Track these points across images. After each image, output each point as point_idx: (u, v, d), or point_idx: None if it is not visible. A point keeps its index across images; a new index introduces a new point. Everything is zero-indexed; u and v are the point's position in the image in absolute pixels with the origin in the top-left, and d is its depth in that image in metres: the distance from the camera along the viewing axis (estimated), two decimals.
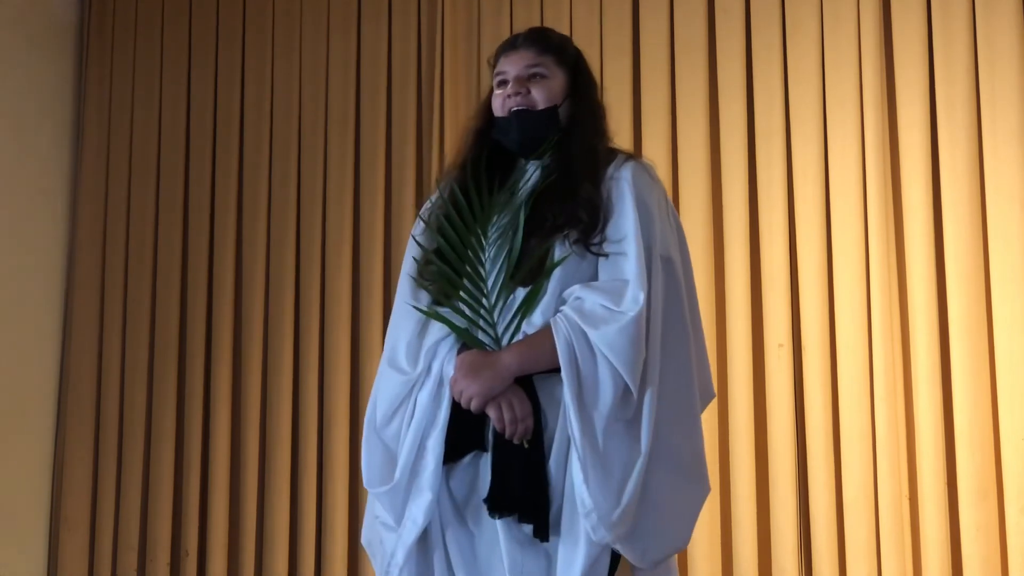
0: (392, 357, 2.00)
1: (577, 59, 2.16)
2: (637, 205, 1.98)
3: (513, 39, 2.13)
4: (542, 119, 2.06)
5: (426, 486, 1.91)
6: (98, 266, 4.19)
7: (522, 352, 1.92)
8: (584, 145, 2.06)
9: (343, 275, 3.87)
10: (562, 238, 1.96)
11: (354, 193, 3.93)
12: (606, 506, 1.83)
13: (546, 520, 1.88)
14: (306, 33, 4.07)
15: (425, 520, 1.92)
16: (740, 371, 3.35)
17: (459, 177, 2.07)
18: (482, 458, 1.95)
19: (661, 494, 1.90)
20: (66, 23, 4.34)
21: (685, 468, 1.95)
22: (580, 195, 1.98)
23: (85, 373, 4.12)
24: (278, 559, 3.80)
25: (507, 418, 1.89)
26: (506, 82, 2.09)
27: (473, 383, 1.89)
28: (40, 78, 4.21)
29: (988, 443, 3.10)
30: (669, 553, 1.93)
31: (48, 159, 4.22)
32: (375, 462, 1.99)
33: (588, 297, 1.91)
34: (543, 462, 1.90)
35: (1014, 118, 3.17)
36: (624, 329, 1.86)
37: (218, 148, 4.13)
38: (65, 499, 4.05)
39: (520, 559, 1.89)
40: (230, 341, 4.00)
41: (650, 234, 1.97)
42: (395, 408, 1.97)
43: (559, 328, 1.89)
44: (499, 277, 1.96)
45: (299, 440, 3.85)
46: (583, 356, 1.87)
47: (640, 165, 2.07)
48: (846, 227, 3.30)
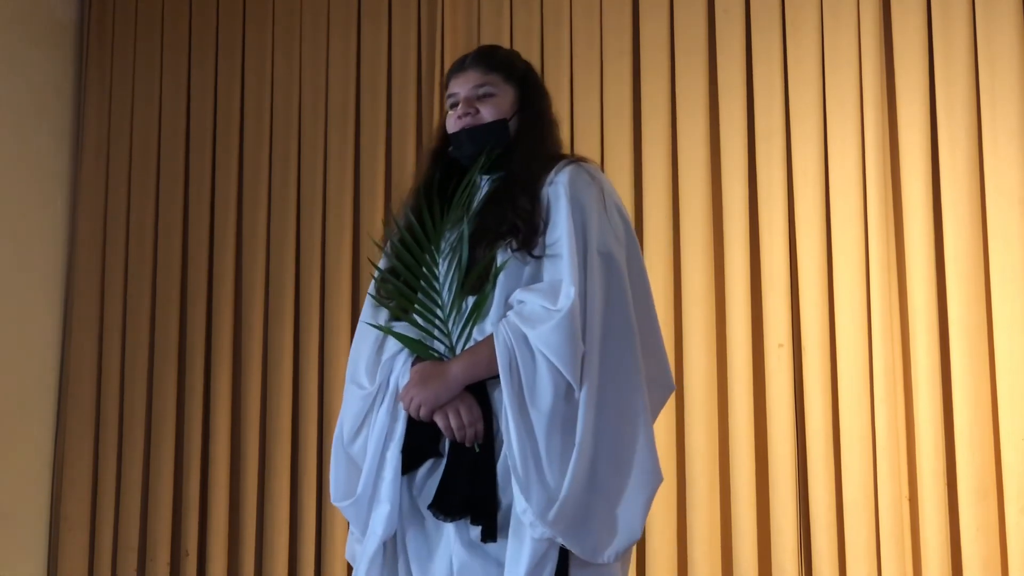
0: (353, 372, 2.11)
1: (526, 73, 2.22)
2: (571, 206, 2.02)
3: (462, 60, 2.20)
4: (491, 131, 2.12)
5: (384, 498, 1.99)
6: (98, 266, 4.19)
7: (467, 360, 1.98)
8: (525, 155, 2.11)
9: (343, 275, 3.87)
10: (504, 246, 2.02)
11: (354, 193, 3.93)
12: (541, 502, 1.86)
13: (493, 521, 1.91)
14: (306, 33, 4.07)
15: (385, 531, 1.98)
16: (740, 371, 3.35)
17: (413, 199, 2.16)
18: (440, 465, 2.00)
19: (608, 487, 1.93)
20: (66, 23, 4.34)
21: (631, 459, 1.96)
22: (517, 205, 2.04)
23: (85, 373, 4.12)
24: (278, 559, 3.80)
25: (454, 424, 1.95)
26: (456, 103, 2.16)
27: (421, 392, 1.96)
28: (40, 78, 4.21)
29: (988, 443, 3.09)
30: (624, 546, 1.95)
31: (48, 159, 4.22)
32: (340, 477, 2.09)
33: (528, 299, 1.96)
34: (492, 466, 1.94)
35: (1014, 118, 3.16)
36: (558, 326, 1.91)
37: (218, 148, 4.13)
38: (65, 499, 4.05)
39: (468, 560, 1.93)
40: (230, 341, 4.00)
41: (586, 232, 2.01)
42: (359, 423, 2.06)
43: (499, 334, 1.94)
44: (452, 288, 2.02)
45: (299, 440, 3.85)
46: (523, 358, 1.92)
47: (578, 167, 2.11)
48: (846, 227, 3.30)
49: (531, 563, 1.86)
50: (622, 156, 3.58)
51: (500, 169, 2.12)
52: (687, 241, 3.47)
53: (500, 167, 2.12)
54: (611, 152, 3.61)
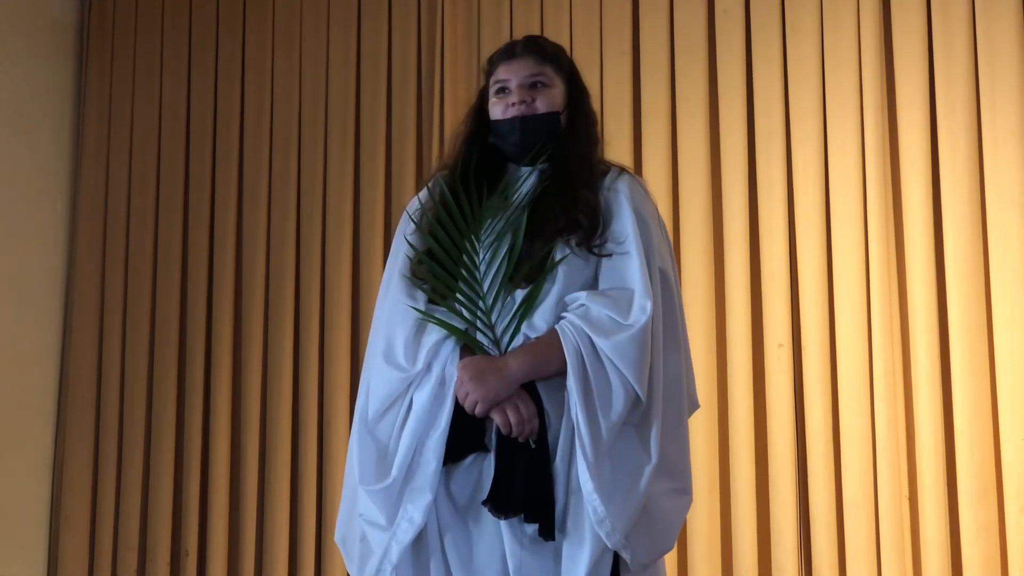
0: (388, 352, 1.99)
1: (572, 69, 2.20)
2: (635, 215, 2.01)
3: (511, 47, 2.15)
4: (544, 123, 2.08)
5: (426, 486, 1.91)
6: (98, 266, 4.19)
7: (529, 358, 1.93)
8: (581, 152, 2.09)
9: (343, 275, 3.87)
10: (563, 241, 1.98)
11: (354, 192, 3.93)
12: (618, 511, 1.85)
13: (552, 519, 1.88)
14: (306, 32, 4.07)
15: (423, 520, 1.91)
16: (740, 371, 3.35)
17: (450, 180, 2.08)
18: (484, 460, 1.95)
19: (657, 501, 1.93)
20: (66, 23, 4.33)
21: (676, 476, 1.98)
22: (579, 200, 2.01)
23: (85, 373, 4.12)
24: (278, 559, 3.80)
25: (513, 420, 1.90)
26: (506, 89, 2.11)
27: (479, 388, 1.90)
28: (40, 78, 4.20)
29: (988, 443, 3.10)
30: (656, 557, 1.97)
31: (48, 159, 4.22)
32: (369, 459, 1.97)
33: (593, 306, 1.92)
34: (548, 461, 1.91)
35: (1014, 118, 3.17)
36: (634, 338, 1.89)
37: (218, 148, 4.13)
38: (65, 499, 4.05)
39: (524, 559, 1.89)
40: (230, 341, 4.00)
41: (649, 245, 2.01)
42: (389, 404, 1.97)
43: (567, 336, 1.90)
44: (496, 279, 1.97)
45: (299, 440, 3.85)
46: (592, 364, 1.89)
47: (635, 180, 2.11)
48: (846, 227, 3.30)
49: (591, 563, 1.85)
50: (622, 156, 3.58)
51: (545, 162, 2.09)
52: (687, 241, 3.47)
53: (545, 160, 2.09)
54: (611, 152, 3.53)
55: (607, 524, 1.84)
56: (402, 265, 2.08)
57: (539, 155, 2.06)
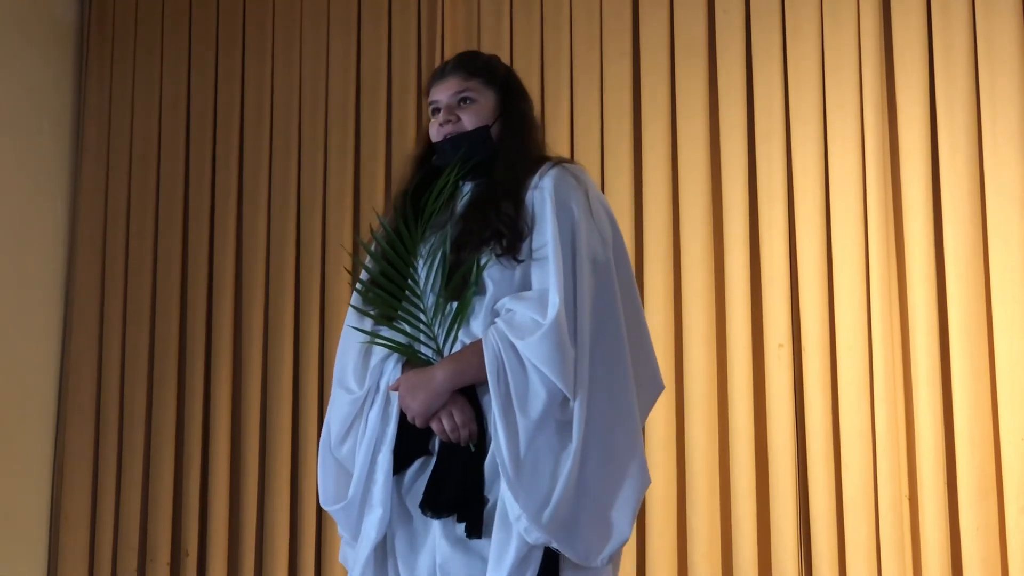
0: (341, 378, 2.12)
1: (507, 77, 2.22)
2: (557, 211, 2.03)
3: (442, 67, 2.21)
4: (473, 139, 2.12)
5: (377, 502, 2.01)
6: (98, 266, 4.18)
7: (452, 367, 2.00)
8: (508, 160, 2.12)
9: (343, 275, 3.87)
10: (488, 252, 2.03)
11: (354, 193, 3.93)
12: (534, 508, 1.88)
13: (479, 518, 1.93)
14: (306, 33, 4.07)
15: (378, 534, 2.01)
16: (740, 371, 3.35)
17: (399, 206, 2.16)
18: (430, 463, 2.03)
19: (599, 490, 1.95)
20: (66, 23, 4.34)
21: (621, 462, 1.99)
22: (500, 210, 2.05)
23: (85, 373, 4.12)
24: (278, 559, 3.80)
25: (447, 427, 1.98)
26: (437, 110, 2.17)
27: (412, 402, 1.99)
28: (40, 78, 4.20)
29: (988, 443, 3.10)
30: (615, 548, 1.97)
31: (48, 159, 4.22)
32: (330, 481, 2.12)
33: (518, 309, 1.97)
34: (480, 464, 1.96)
35: (1014, 118, 3.17)
36: (545, 336, 1.92)
37: (218, 148, 4.13)
38: (65, 499, 4.05)
39: (450, 556, 1.94)
40: (230, 341, 4.00)
41: (574, 238, 2.02)
42: (347, 427, 2.09)
43: (488, 342, 1.96)
44: (434, 291, 2.04)
45: (299, 440, 3.85)
46: (511, 367, 1.94)
47: (562, 170, 2.11)
48: (846, 227, 3.30)
49: (514, 562, 1.88)
50: (622, 157, 3.59)
51: (483, 174, 2.13)
52: (687, 241, 3.47)
53: (483, 173, 2.13)
54: (611, 153, 3.61)
55: (523, 520, 1.87)
56: (353, 297, 2.19)
57: (460, 171, 2.10)
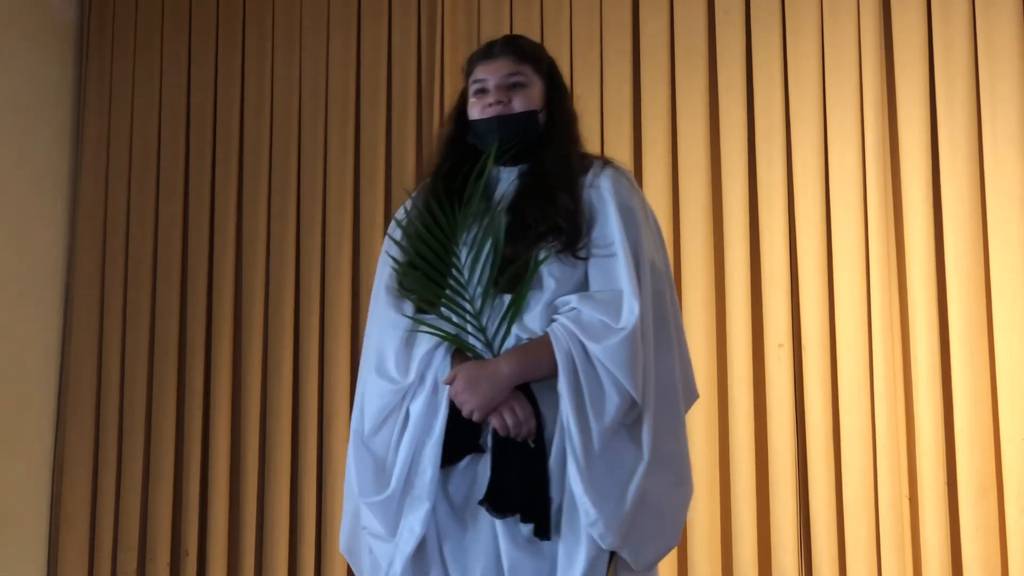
0: (380, 365, 2.01)
1: (551, 67, 2.19)
2: (620, 211, 2.00)
3: (489, 47, 2.15)
4: (522, 121, 2.08)
5: (424, 496, 1.93)
6: (98, 266, 4.18)
7: (520, 361, 1.93)
8: (559, 152, 2.08)
9: (343, 275, 3.87)
10: (546, 247, 1.97)
11: (354, 193, 3.93)
12: (608, 513, 1.84)
13: (547, 519, 1.88)
14: (306, 33, 4.07)
15: (423, 530, 1.93)
16: (740, 371, 3.35)
17: (433, 186, 2.08)
18: (480, 461, 1.96)
19: (655, 497, 1.92)
20: (66, 23, 4.34)
21: (674, 470, 1.97)
22: (558, 204, 2.00)
23: (85, 373, 4.12)
24: (278, 559, 3.80)
25: (510, 423, 1.91)
26: (484, 90, 2.11)
27: (474, 396, 1.91)
28: (40, 78, 4.20)
29: (988, 443, 3.10)
30: (663, 554, 1.96)
31: (48, 159, 4.22)
32: (367, 473, 1.99)
33: (585, 309, 1.92)
34: (544, 461, 1.91)
35: (1014, 118, 3.17)
36: (624, 341, 1.88)
37: (218, 148, 4.13)
38: (65, 499, 4.05)
39: (520, 559, 1.89)
40: (230, 341, 4.00)
41: (636, 240, 1.99)
42: (384, 418, 1.99)
43: (558, 339, 1.90)
44: (480, 284, 1.97)
45: (299, 440, 3.85)
46: (584, 369, 1.89)
47: (618, 172, 2.09)
48: (846, 227, 3.30)
49: (587, 564, 1.85)
50: (622, 156, 3.58)
51: (523, 162, 2.08)
52: (687, 241, 3.47)
53: (523, 160, 2.08)
54: (611, 152, 3.56)
55: (600, 526, 1.84)
56: (388, 278, 2.10)
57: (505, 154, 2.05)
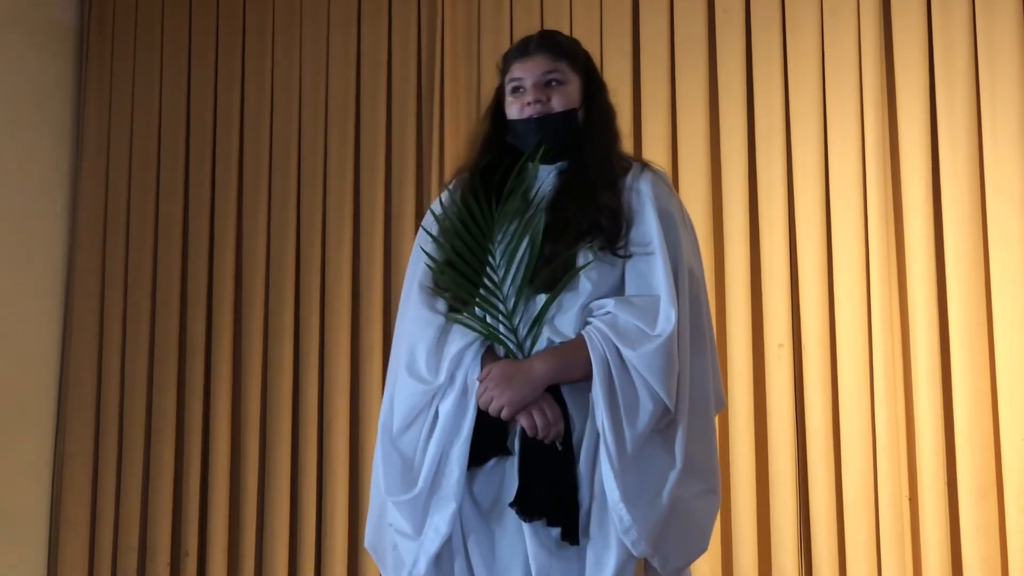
0: (411, 364, 1.99)
1: (588, 62, 2.16)
2: (659, 214, 1.99)
3: (524, 44, 2.12)
4: (562, 122, 2.06)
5: (450, 496, 1.92)
6: (98, 266, 4.18)
7: (555, 362, 1.92)
8: (600, 150, 2.06)
9: (343, 275, 3.87)
10: (586, 245, 1.96)
11: (354, 193, 3.93)
12: (644, 520, 1.84)
13: (576, 523, 1.87)
14: (306, 33, 4.07)
15: (449, 530, 1.92)
16: (740, 371, 3.35)
17: (469, 183, 2.06)
18: (507, 462, 1.95)
19: (685, 504, 1.91)
20: (66, 23, 4.34)
21: (704, 477, 1.96)
22: (600, 202, 1.98)
23: (85, 373, 4.12)
24: (278, 559, 3.80)
25: (540, 424, 1.90)
26: (521, 88, 2.08)
27: (505, 392, 1.89)
28: (40, 78, 4.20)
29: (988, 443, 3.10)
30: (691, 561, 1.95)
31: (48, 159, 4.22)
32: (393, 471, 1.97)
33: (621, 315, 1.91)
34: (573, 465, 1.90)
35: (1014, 118, 3.17)
36: (660, 349, 1.87)
37: (218, 148, 4.13)
38: (65, 499, 4.05)
39: (547, 563, 1.88)
40: (230, 341, 4.00)
41: (675, 243, 1.98)
42: (413, 417, 1.97)
43: (594, 343, 1.89)
44: (515, 282, 1.95)
45: (299, 440, 3.85)
46: (619, 374, 1.88)
47: (658, 176, 2.08)
48: (846, 227, 3.30)
49: (616, 569, 1.84)
50: None
51: (562, 159, 2.06)
52: None
53: (562, 157, 2.07)
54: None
55: (633, 532, 1.83)
56: (422, 275, 2.07)
57: (546, 155, 2.03)
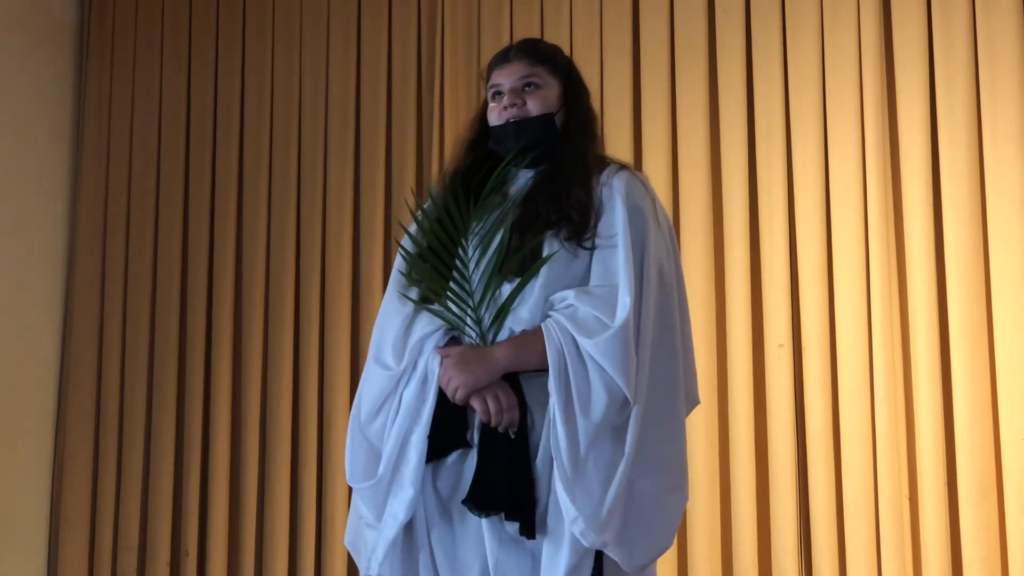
0: (378, 354, 2.04)
1: (569, 68, 2.19)
2: (628, 209, 2.00)
3: (505, 51, 2.17)
4: (538, 125, 2.09)
5: (408, 482, 1.94)
6: (98, 266, 4.19)
7: (513, 350, 1.94)
8: (576, 151, 2.09)
9: (343, 275, 3.87)
10: (553, 235, 1.98)
11: (354, 193, 3.93)
12: (589, 511, 1.84)
13: (532, 518, 1.89)
14: (306, 32, 4.07)
15: (406, 516, 1.94)
16: (740, 371, 3.35)
17: (451, 183, 2.11)
18: (468, 457, 1.97)
19: (648, 499, 1.92)
20: (66, 23, 4.34)
21: (670, 473, 1.97)
22: (571, 196, 2.01)
23: (85, 373, 4.12)
24: (278, 559, 3.80)
25: (492, 408, 1.92)
26: (501, 94, 2.12)
27: (461, 374, 1.92)
28: (40, 78, 4.20)
29: (988, 443, 3.10)
30: (655, 557, 1.95)
31: (48, 159, 4.22)
32: (358, 458, 2.02)
33: (581, 306, 1.92)
34: (529, 460, 1.92)
35: (1014, 118, 3.17)
36: (615, 336, 1.88)
37: (218, 148, 4.13)
38: (65, 499, 4.05)
39: (504, 557, 1.90)
40: (230, 341, 4.00)
41: (643, 239, 1.99)
42: (380, 404, 2.00)
43: (551, 335, 1.91)
44: (484, 273, 1.98)
45: (299, 440, 3.85)
46: (573, 365, 1.89)
47: (633, 175, 2.10)
48: (846, 227, 3.30)
49: (570, 565, 1.85)
50: (622, 156, 3.56)
51: (542, 163, 2.09)
52: (687, 241, 3.46)
53: (543, 162, 2.09)
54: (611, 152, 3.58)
55: (580, 523, 1.84)
56: (398, 265, 2.12)
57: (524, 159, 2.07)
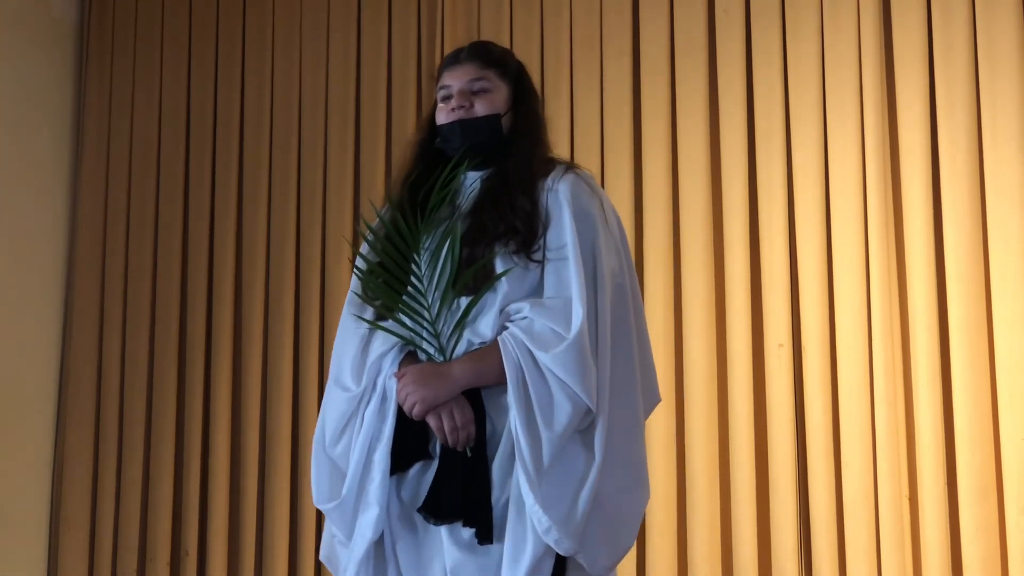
0: (338, 376, 2.06)
1: (519, 72, 2.20)
2: (575, 216, 2.01)
3: (456, 53, 2.18)
4: (483, 125, 2.09)
5: (373, 500, 1.96)
6: (98, 266, 4.19)
7: (472, 366, 1.96)
8: (522, 155, 2.09)
9: (343, 275, 3.87)
10: (501, 248, 1.99)
11: (354, 192, 3.93)
12: (561, 518, 1.86)
13: (488, 523, 1.90)
14: (306, 32, 4.07)
15: (374, 534, 1.96)
16: (740, 371, 3.35)
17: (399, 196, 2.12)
18: (430, 467, 1.99)
19: (610, 501, 1.93)
20: (66, 22, 4.34)
21: (632, 476, 1.98)
22: (516, 206, 2.02)
23: (85, 373, 4.12)
24: (278, 559, 3.80)
25: (447, 427, 1.93)
26: (450, 96, 2.13)
27: (419, 390, 1.93)
28: (40, 78, 4.21)
29: (988, 443, 3.09)
30: (618, 558, 1.97)
31: (48, 159, 4.22)
32: (323, 479, 2.04)
33: (537, 319, 1.93)
34: (487, 468, 1.93)
35: (1014, 118, 3.16)
36: (570, 348, 1.89)
37: (218, 148, 4.13)
38: (65, 499, 4.05)
39: (463, 560, 1.91)
40: (230, 341, 4.00)
41: (592, 244, 2.00)
42: (343, 426, 2.02)
43: (507, 348, 1.92)
44: (439, 286, 1.99)
45: (299, 440, 3.85)
46: (533, 379, 1.90)
47: (578, 176, 2.10)
48: (846, 227, 3.30)
49: (531, 565, 1.86)
50: (622, 156, 3.58)
51: (489, 166, 2.10)
52: (687, 241, 3.47)
53: (490, 164, 2.10)
54: (611, 152, 3.61)
55: (554, 532, 1.85)
56: (353, 286, 2.13)
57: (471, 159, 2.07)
